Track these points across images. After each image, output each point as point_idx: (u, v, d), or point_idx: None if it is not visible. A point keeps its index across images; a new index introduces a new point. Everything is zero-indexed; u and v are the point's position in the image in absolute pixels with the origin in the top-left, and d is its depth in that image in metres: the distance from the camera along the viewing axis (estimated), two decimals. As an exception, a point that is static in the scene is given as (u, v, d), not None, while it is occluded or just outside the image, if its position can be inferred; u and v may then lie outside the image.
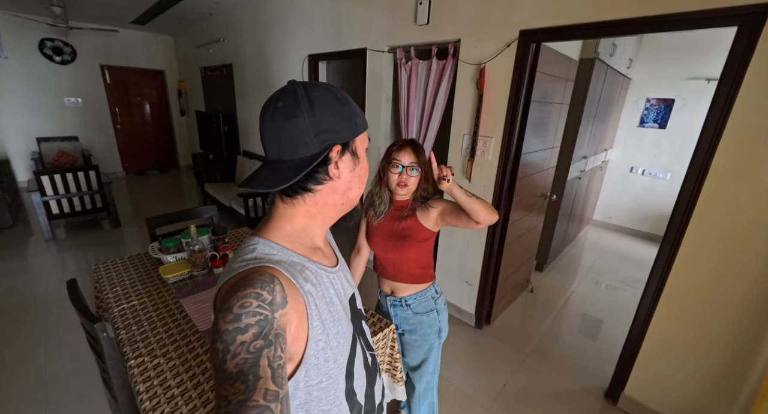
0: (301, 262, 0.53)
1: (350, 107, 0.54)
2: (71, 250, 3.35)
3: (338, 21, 2.72)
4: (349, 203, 0.59)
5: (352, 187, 0.57)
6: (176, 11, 4.15)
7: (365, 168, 0.60)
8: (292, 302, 0.45)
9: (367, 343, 0.68)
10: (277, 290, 0.44)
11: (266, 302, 0.41)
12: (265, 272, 0.45)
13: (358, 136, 0.56)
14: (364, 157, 0.59)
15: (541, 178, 2.49)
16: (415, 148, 1.15)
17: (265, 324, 0.40)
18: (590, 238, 4.24)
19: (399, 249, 1.21)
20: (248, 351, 0.38)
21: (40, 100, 5.00)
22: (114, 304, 1.35)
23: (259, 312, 0.40)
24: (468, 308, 2.42)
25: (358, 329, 0.63)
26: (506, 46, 1.78)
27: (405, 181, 1.14)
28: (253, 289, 0.42)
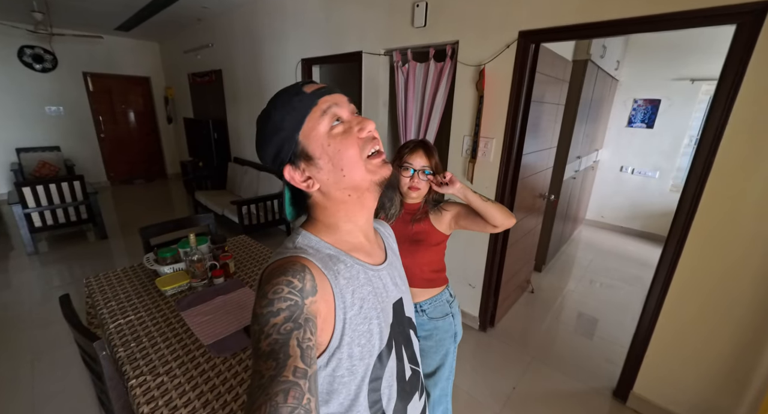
0: (337, 256, 0.53)
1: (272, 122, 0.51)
2: (55, 264, 3.20)
3: (332, 24, 2.70)
4: (356, 191, 0.53)
5: (336, 181, 0.52)
6: (162, 17, 4.06)
7: (336, 150, 0.51)
8: (321, 292, 0.47)
9: (412, 356, 0.63)
10: (308, 279, 0.46)
11: (296, 289, 0.44)
12: (297, 262, 0.47)
13: (299, 135, 0.51)
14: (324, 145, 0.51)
15: (540, 179, 2.50)
16: (427, 150, 1.12)
17: (295, 309, 0.42)
18: (584, 237, 4.29)
19: (412, 253, 1.18)
20: (279, 332, 0.40)
21: (19, 109, 4.81)
22: (109, 320, 1.28)
23: (290, 298, 0.43)
24: (472, 311, 2.40)
25: (400, 337, 0.60)
26: (506, 47, 1.79)
27: (417, 185, 1.11)
28: (285, 276, 0.44)
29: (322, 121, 0.51)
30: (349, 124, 0.52)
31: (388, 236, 0.72)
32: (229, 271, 1.61)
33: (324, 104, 0.51)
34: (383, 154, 0.54)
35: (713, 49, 3.38)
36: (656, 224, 4.13)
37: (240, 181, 4.17)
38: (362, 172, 0.52)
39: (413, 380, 0.63)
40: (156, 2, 3.47)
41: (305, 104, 0.51)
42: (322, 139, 0.51)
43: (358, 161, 0.52)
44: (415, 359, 0.64)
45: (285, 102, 0.52)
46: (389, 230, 0.75)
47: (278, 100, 0.52)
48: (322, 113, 0.51)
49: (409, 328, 0.63)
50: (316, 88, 0.52)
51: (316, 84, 0.54)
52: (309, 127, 0.51)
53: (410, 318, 0.65)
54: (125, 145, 5.98)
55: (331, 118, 0.51)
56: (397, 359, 0.58)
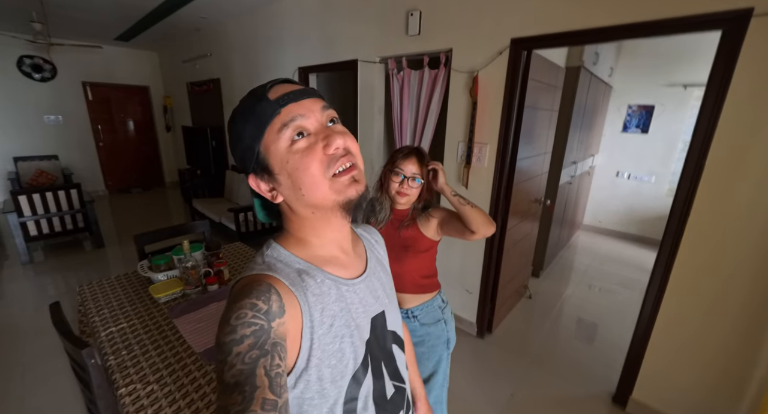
0: (307, 270, 0.50)
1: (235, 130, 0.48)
2: (50, 274, 3.17)
3: (328, 33, 2.74)
4: (318, 209, 0.49)
5: (297, 197, 0.48)
6: (161, 27, 4.12)
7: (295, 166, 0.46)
8: (290, 312, 0.44)
9: (394, 372, 0.59)
10: (273, 299, 0.42)
11: (261, 312, 0.41)
12: (263, 281, 0.44)
13: (258, 146, 0.47)
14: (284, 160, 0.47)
15: (534, 184, 2.52)
16: (420, 157, 1.13)
17: (261, 333, 0.39)
18: (582, 242, 4.29)
19: (401, 259, 1.18)
20: (244, 362, 0.37)
21: (18, 118, 4.83)
22: (101, 328, 1.26)
23: (254, 322, 0.40)
24: (469, 317, 2.38)
25: (379, 353, 0.56)
26: (498, 54, 1.81)
27: (405, 191, 1.12)
28: (248, 299, 0.41)
29: (282, 135, 0.46)
30: (315, 138, 0.47)
31: (374, 243, 0.68)
32: (224, 278, 1.60)
33: (287, 115, 0.45)
34: (355, 170, 0.48)
35: (704, 55, 3.44)
36: (653, 228, 4.14)
37: (237, 188, 4.17)
38: (324, 191, 0.47)
39: (396, 399, 0.59)
40: (155, 13, 3.52)
41: (266, 113, 0.46)
42: (282, 154, 0.46)
43: (320, 180, 0.46)
44: (399, 375, 0.60)
45: (248, 108, 0.47)
46: (376, 236, 0.70)
47: (243, 104, 0.48)
48: (283, 126, 0.45)
49: (392, 342, 0.60)
50: (282, 92, 0.46)
51: (287, 85, 0.48)
52: (269, 140, 0.46)
53: (393, 331, 0.61)
54: (123, 154, 6.00)
55: (293, 132, 0.46)
56: (374, 377, 0.54)
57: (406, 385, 0.62)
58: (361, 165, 0.51)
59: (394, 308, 0.63)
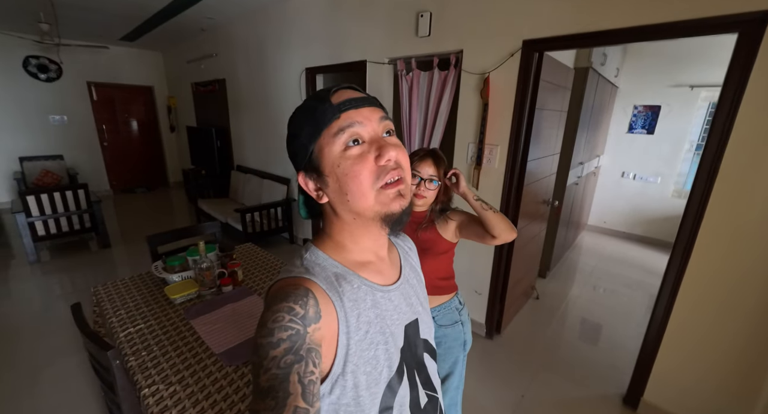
0: (344, 275, 0.51)
1: (292, 127, 0.50)
2: (57, 273, 3.18)
3: (337, 34, 2.74)
4: (360, 217, 0.49)
5: (342, 202, 0.49)
6: (167, 27, 4.12)
7: (344, 172, 0.47)
8: (325, 318, 0.44)
9: (427, 380, 0.59)
10: (311, 304, 0.43)
11: (298, 317, 0.41)
12: (301, 285, 0.45)
13: (316, 144, 0.47)
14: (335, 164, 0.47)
15: (543, 185, 2.52)
16: (436, 159, 1.13)
17: (297, 339, 0.40)
18: (587, 242, 4.29)
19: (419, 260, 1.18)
20: (279, 366, 0.38)
21: (23, 118, 4.84)
22: (119, 329, 1.27)
23: (291, 326, 0.40)
24: (478, 318, 2.38)
25: (413, 361, 0.56)
26: (510, 55, 1.82)
27: (423, 193, 1.11)
28: (286, 302, 0.42)
29: (337, 140, 0.46)
30: (369, 147, 0.47)
31: (408, 250, 0.68)
32: (237, 279, 1.60)
33: (345, 121, 0.46)
34: (402, 184, 0.48)
35: (711, 56, 3.44)
36: (658, 229, 4.14)
37: (243, 189, 4.18)
38: (369, 201, 0.47)
39: (429, 409, 0.58)
40: (162, 13, 3.52)
41: (326, 116, 0.46)
42: (334, 158, 0.47)
43: (367, 190, 0.47)
44: (431, 384, 0.60)
45: (309, 108, 0.48)
46: (410, 244, 0.70)
47: (306, 104, 0.50)
48: (340, 130, 0.46)
49: (423, 350, 0.60)
50: (344, 98, 0.47)
51: (350, 91, 0.49)
52: (324, 142, 0.47)
53: (425, 340, 0.60)
54: (127, 154, 6.01)
55: (349, 137, 0.46)
56: (410, 385, 0.54)
57: (438, 395, 0.62)
58: (409, 180, 0.50)
59: (427, 316, 0.62)
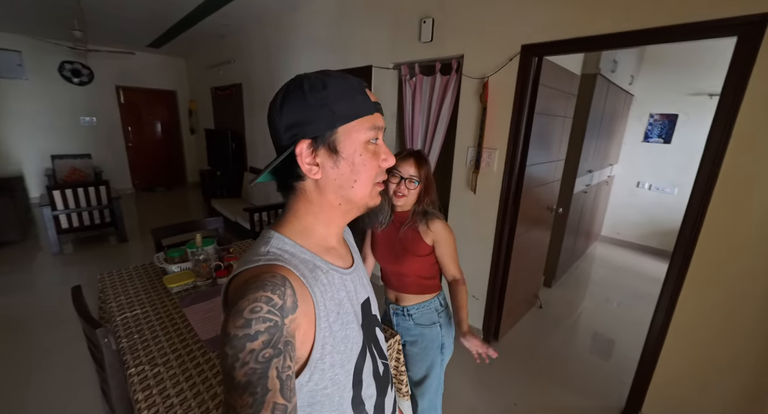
0: (313, 261, 0.52)
1: (325, 94, 0.48)
2: (78, 265, 3.36)
3: (344, 39, 2.83)
4: (349, 203, 0.53)
5: (342, 186, 0.51)
6: (189, 34, 4.34)
7: (361, 163, 0.51)
8: (302, 306, 0.45)
9: (381, 351, 0.64)
10: (288, 294, 0.43)
11: (276, 307, 0.41)
12: (277, 273, 0.44)
13: (343, 126, 0.49)
14: (356, 152, 0.50)
15: (546, 191, 2.49)
16: (418, 160, 1.14)
17: (275, 331, 0.39)
18: (599, 253, 4.17)
19: (400, 260, 1.20)
20: (257, 360, 0.37)
21: (57, 119, 5.18)
22: (117, 313, 1.34)
23: (269, 318, 0.39)
24: (475, 323, 2.36)
25: (370, 336, 0.60)
26: (509, 60, 1.83)
27: (402, 192, 1.13)
28: (264, 292, 0.41)
29: (368, 132, 0.51)
30: (380, 149, 0.53)
31: (348, 237, 0.70)
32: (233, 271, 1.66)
33: (378, 120, 0.52)
34: (383, 186, 0.57)
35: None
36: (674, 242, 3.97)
37: (253, 189, 4.31)
38: (366, 192, 0.53)
39: (386, 374, 0.64)
40: (183, 21, 3.72)
41: (365, 107, 0.50)
42: (358, 146, 0.50)
43: (369, 182, 0.53)
44: (384, 354, 0.65)
45: (346, 89, 0.49)
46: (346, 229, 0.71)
47: (340, 82, 0.49)
48: (372, 126, 0.51)
49: (375, 325, 0.64)
50: (375, 99, 0.53)
51: (373, 95, 0.54)
52: (354, 128, 0.50)
53: (376, 315, 0.65)
54: (150, 155, 6.30)
55: (374, 135, 0.52)
56: (371, 357, 0.59)
57: (387, 362, 0.68)
58: None
59: (373, 296, 0.67)
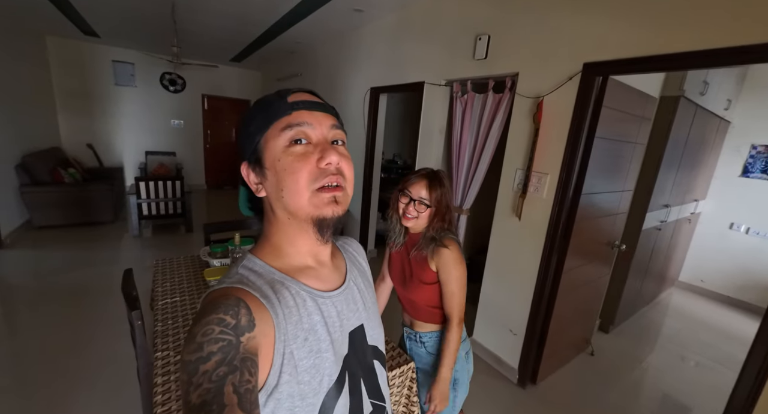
0: (282, 281, 0.49)
1: (248, 116, 0.50)
2: (150, 248, 3.82)
3: (399, 56, 2.88)
4: (295, 217, 0.49)
5: (277, 198, 0.49)
6: (265, 50, 4.81)
7: (283, 169, 0.47)
8: (261, 326, 0.42)
9: (375, 389, 0.57)
10: (242, 313, 0.41)
11: (229, 327, 0.39)
12: (231, 295, 0.43)
13: (260, 137, 0.48)
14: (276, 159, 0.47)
15: (607, 224, 2.22)
16: (431, 182, 1.06)
17: (229, 349, 0.38)
18: (675, 302, 3.59)
19: (408, 285, 1.14)
20: (211, 380, 0.36)
21: (153, 121, 6.04)
22: (160, 298, 1.47)
23: (222, 338, 0.38)
24: (510, 361, 2.15)
25: (359, 369, 0.54)
26: (568, 79, 1.69)
27: (411, 214, 1.07)
28: (216, 314, 0.39)
29: (283, 134, 0.47)
30: (314, 149, 0.48)
31: (356, 255, 0.66)
32: (266, 272, 1.73)
33: (295, 118, 0.47)
34: (340, 191, 0.48)
35: None
36: (779, 300, 3.27)
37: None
38: (303, 201, 0.47)
39: None
40: (260, 38, 4.14)
41: (278, 111, 0.48)
42: (277, 152, 0.47)
43: (302, 189, 0.47)
44: (379, 393, 0.57)
45: (265, 102, 0.50)
46: (357, 247, 0.68)
47: (263, 99, 0.51)
48: (287, 126, 0.47)
49: (372, 357, 0.58)
50: (299, 99, 0.49)
51: (307, 95, 0.51)
52: (270, 135, 0.48)
53: (375, 346, 0.59)
54: (222, 156, 7.00)
55: (295, 134, 0.47)
56: (351, 394, 0.52)
57: (385, 404, 0.59)
58: (350, 190, 0.50)
59: (375, 323, 0.60)
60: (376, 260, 3.89)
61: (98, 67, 5.37)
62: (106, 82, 5.49)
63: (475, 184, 2.31)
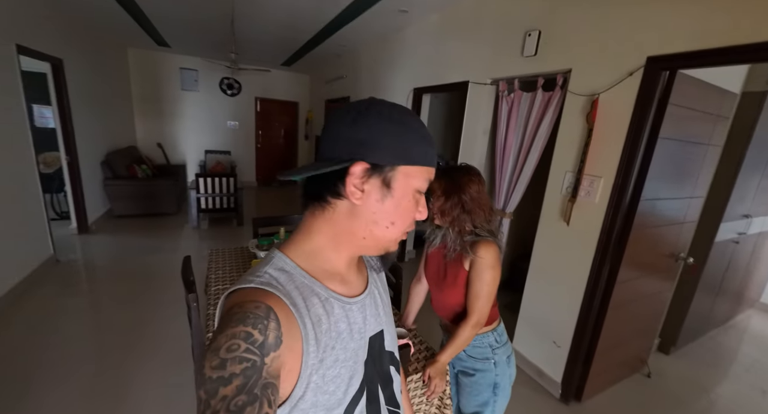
0: (311, 286, 0.48)
1: (407, 131, 0.47)
2: (206, 238, 4.17)
3: (442, 55, 2.85)
4: (374, 240, 0.49)
5: (377, 222, 0.48)
6: (314, 54, 5.01)
7: (405, 208, 0.49)
8: (287, 341, 0.40)
9: (391, 397, 0.56)
10: (271, 328, 0.39)
11: (256, 345, 0.37)
12: (262, 302, 0.41)
13: (405, 167, 0.47)
14: (405, 197, 0.49)
15: (670, 233, 2.01)
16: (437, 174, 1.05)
17: (252, 373, 0.36)
18: (754, 326, 3.14)
19: (441, 287, 1.13)
20: (228, 410, 0.34)
21: (213, 122, 6.58)
22: (213, 284, 1.61)
23: (247, 357, 0.36)
24: (553, 374, 2.04)
25: (377, 375, 0.53)
26: (628, 74, 1.56)
27: None
28: (244, 326, 0.38)
29: (422, 183, 0.50)
30: (421, 201, 0.51)
31: (371, 259, 0.65)
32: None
33: (430, 174, 0.51)
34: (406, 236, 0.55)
35: None
36: None
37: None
38: (395, 236, 0.50)
39: None
40: (309, 43, 4.34)
41: (429, 159, 0.50)
42: (409, 191, 0.49)
43: (403, 228, 0.50)
44: (395, 400, 0.57)
45: (422, 135, 0.49)
46: None
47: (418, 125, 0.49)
48: (427, 178, 0.50)
49: (389, 364, 0.57)
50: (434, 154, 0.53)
51: None
52: (413, 173, 0.48)
53: (391, 352, 0.58)
54: (272, 155, 7.42)
55: (425, 187, 0.51)
56: (369, 402, 0.51)
57: (400, 411, 0.59)
58: None
59: (391, 328, 0.60)
60: (414, 261, 3.88)
61: (168, 74, 5.99)
62: (174, 87, 6.09)
63: (519, 186, 2.22)
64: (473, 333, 1.05)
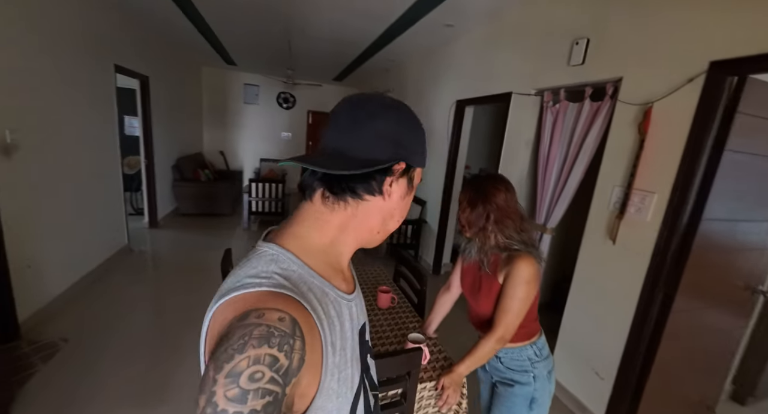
0: (322, 287, 0.45)
1: (424, 138, 0.52)
2: (254, 240, 4.41)
3: (486, 67, 2.82)
4: (385, 233, 0.53)
5: (393, 216, 0.51)
6: (363, 69, 5.25)
7: (407, 203, 0.53)
8: (309, 358, 0.38)
9: (372, 381, 0.58)
10: (296, 348, 0.36)
11: (281, 372, 0.34)
12: (286, 314, 0.36)
13: (421, 168, 0.52)
14: (411, 192, 0.53)
15: (745, 261, 1.75)
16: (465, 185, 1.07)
17: (272, 410, 0.33)
18: None
19: (477, 298, 1.10)
20: None
21: (268, 133, 7.13)
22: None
23: (270, 390, 0.33)
24: (594, 408, 1.85)
25: (364, 366, 0.55)
26: (687, 81, 1.42)
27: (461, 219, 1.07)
28: (269, 347, 0.33)
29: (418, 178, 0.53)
30: None
31: None
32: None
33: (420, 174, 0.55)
34: None
35: None
36: None
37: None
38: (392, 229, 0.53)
39: (376, 408, 0.59)
40: (358, 58, 4.56)
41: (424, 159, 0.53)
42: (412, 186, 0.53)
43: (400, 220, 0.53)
44: (374, 385, 0.59)
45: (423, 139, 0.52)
46: None
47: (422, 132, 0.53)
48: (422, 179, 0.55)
49: (368, 353, 0.58)
50: None
51: None
52: (418, 174, 0.53)
53: (368, 341, 0.59)
54: (319, 164, 7.81)
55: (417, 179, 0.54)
56: (364, 392, 0.53)
57: (378, 392, 0.62)
58: None
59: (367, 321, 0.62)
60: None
61: (233, 89, 6.65)
62: (237, 101, 6.74)
63: (562, 201, 2.10)
64: (496, 347, 1.00)
